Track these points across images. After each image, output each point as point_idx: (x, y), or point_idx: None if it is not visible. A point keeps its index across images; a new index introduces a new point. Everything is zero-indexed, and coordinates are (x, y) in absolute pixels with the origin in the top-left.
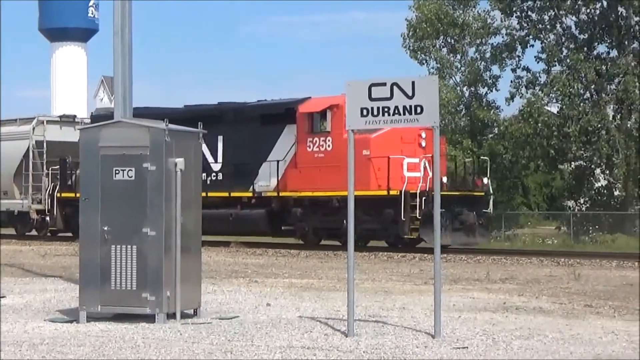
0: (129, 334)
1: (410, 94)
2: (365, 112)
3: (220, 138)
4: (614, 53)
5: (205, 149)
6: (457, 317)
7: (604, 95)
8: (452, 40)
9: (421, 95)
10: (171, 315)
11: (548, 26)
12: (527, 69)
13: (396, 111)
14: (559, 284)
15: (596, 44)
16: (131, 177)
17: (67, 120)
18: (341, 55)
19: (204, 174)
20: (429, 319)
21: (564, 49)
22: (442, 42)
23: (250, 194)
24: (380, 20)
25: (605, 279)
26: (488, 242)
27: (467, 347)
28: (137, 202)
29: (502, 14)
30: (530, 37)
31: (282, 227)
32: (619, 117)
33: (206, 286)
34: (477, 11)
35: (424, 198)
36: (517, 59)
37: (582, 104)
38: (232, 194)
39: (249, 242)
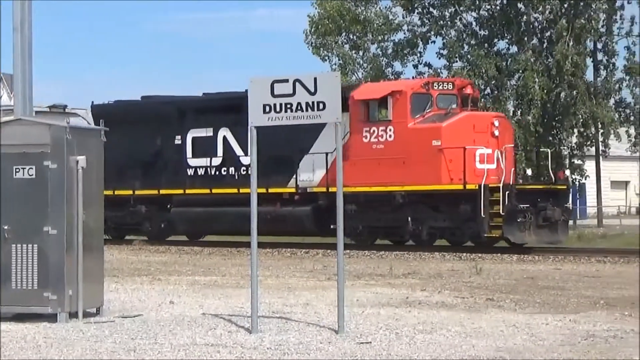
0: (30, 333)
1: (312, 90)
2: (267, 108)
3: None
4: (513, 49)
5: (233, 141)
6: (360, 313)
7: (504, 91)
8: (355, 37)
9: (323, 92)
10: (73, 315)
11: (449, 22)
12: (429, 65)
13: (299, 107)
14: (461, 278)
15: (496, 40)
16: (32, 175)
17: None
18: (245, 52)
19: (232, 169)
20: (333, 315)
21: (464, 45)
22: (345, 38)
23: (292, 190)
24: (284, 17)
25: (507, 272)
26: (566, 240)
27: (370, 342)
28: (37, 200)
29: (403, 10)
30: (432, 33)
31: (332, 226)
32: (519, 112)
33: (109, 285)
34: (379, 8)
35: (507, 192)
36: (418, 55)
37: (482, 100)
38: (270, 190)
39: (152, 241)
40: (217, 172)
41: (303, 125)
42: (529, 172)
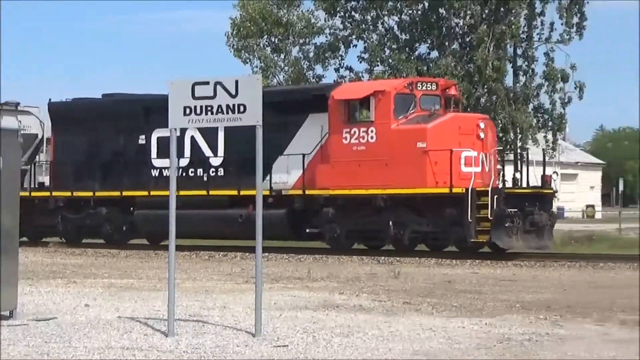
0: None
1: (233, 93)
2: (188, 110)
3: (221, 131)
4: (434, 54)
5: (201, 141)
6: (278, 316)
7: None
8: (276, 40)
9: (244, 95)
10: None
11: (371, 26)
12: (350, 69)
13: (219, 110)
14: (379, 281)
15: (417, 44)
16: None
17: None
18: (168, 54)
19: (200, 170)
20: (250, 318)
21: (386, 49)
22: (266, 41)
23: (266, 192)
24: (207, 18)
25: (424, 276)
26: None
27: (287, 346)
28: None
29: (326, 13)
30: (353, 37)
31: (308, 230)
32: None
33: (23, 287)
34: (302, 11)
35: (495, 196)
36: (340, 58)
37: None
38: (242, 192)
39: (68, 243)
40: (184, 174)
41: (279, 125)
42: None
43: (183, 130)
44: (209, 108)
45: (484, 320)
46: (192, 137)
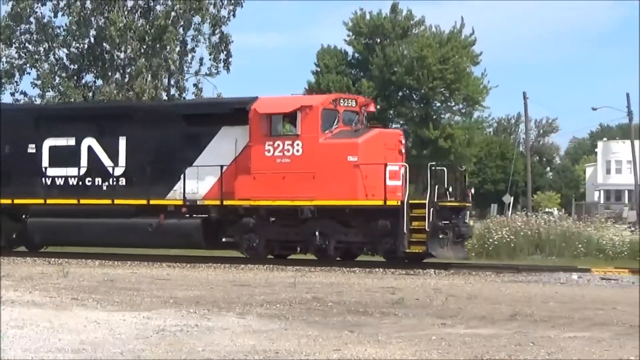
0: None
1: None
2: None
3: (122, 139)
4: (99, 82)
5: (99, 150)
6: None
7: None
8: None
9: None
10: None
11: (43, 57)
12: (25, 94)
13: None
14: (50, 280)
15: (84, 73)
16: None
17: None
18: None
19: (99, 179)
20: None
21: (56, 77)
22: None
23: (179, 202)
24: None
25: (90, 275)
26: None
27: None
28: None
29: (2, 44)
30: (27, 65)
31: (224, 239)
32: None
33: None
34: None
35: (431, 209)
36: (15, 84)
37: None
38: (152, 202)
39: None
40: (80, 182)
41: (188, 137)
42: None
43: (79, 139)
44: None
45: (142, 314)
46: (89, 147)
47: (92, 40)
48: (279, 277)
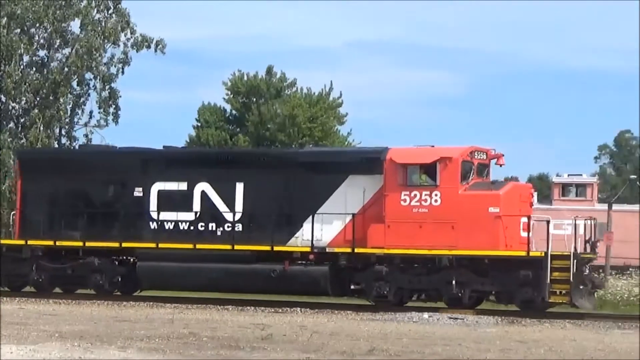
0: None
1: None
2: None
3: (239, 185)
4: None
5: (213, 195)
6: None
7: None
8: None
9: None
10: None
11: None
12: None
13: None
14: None
15: None
16: None
17: None
18: None
19: (212, 224)
20: None
21: None
22: None
23: (306, 249)
24: None
25: None
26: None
27: None
28: None
29: None
30: None
31: (352, 287)
32: None
33: None
34: None
35: (575, 260)
36: None
37: None
38: (276, 248)
39: None
40: (192, 227)
41: (313, 185)
42: None
43: (192, 184)
44: None
45: (29, 347)
46: (203, 192)
47: None
48: (158, 313)
